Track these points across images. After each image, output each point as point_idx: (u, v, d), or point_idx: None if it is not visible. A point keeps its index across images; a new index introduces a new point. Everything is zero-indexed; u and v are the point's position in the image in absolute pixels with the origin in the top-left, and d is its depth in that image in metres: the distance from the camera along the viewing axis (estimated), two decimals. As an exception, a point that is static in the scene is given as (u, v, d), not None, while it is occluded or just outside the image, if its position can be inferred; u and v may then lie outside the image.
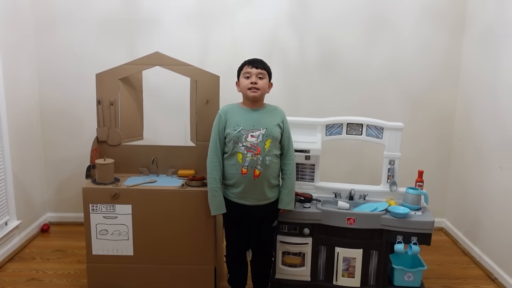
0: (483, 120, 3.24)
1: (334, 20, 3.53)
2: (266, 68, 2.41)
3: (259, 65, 2.39)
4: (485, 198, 3.19)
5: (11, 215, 3.24)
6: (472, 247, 3.33)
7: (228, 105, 2.47)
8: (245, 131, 2.35)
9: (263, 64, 2.41)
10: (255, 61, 2.40)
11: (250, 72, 2.38)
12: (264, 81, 2.39)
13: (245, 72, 2.40)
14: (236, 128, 2.36)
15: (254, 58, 2.44)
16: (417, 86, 3.63)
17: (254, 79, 2.37)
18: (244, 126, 2.36)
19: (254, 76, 2.37)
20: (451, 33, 3.55)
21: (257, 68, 2.38)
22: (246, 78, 2.39)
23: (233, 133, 2.35)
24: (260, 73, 2.38)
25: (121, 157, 2.80)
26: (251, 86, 2.37)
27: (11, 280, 2.90)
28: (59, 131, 3.66)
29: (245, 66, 2.41)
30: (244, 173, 2.35)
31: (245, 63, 2.42)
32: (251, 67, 2.38)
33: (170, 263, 2.65)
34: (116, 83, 2.74)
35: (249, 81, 2.37)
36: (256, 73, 2.37)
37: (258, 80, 2.37)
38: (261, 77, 2.38)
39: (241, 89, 2.43)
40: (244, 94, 2.43)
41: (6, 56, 3.11)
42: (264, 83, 2.39)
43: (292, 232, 2.68)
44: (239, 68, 2.45)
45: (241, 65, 2.44)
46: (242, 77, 2.41)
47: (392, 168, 2.81)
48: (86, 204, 2.57)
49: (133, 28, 3.52)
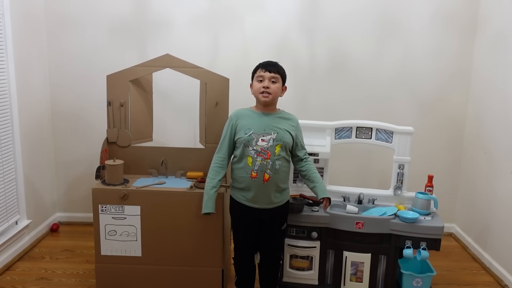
0: (494, 125, 3.21)
1: (344, 23, 3.52)
2: (279, 72, 2.39)
3: (272, 68, 2.36)
4: (495, 204, 3.16)
5: (21, 214, 3.27)
6: (482, 253, 3.29)
7: (241, 110, 2.46)
8: (256, 135, 2.34)
9: (276, 67, 2.38)
10: (269, 65, 2.38)
11: (263, 76, 2.36)
12: (277, 85, 2.37)
13: (258, 75, 2.38)
14: (247, 131, 2.35)
15: (268, 61, 2.41)
16: (427, 89, 3.61)
17: (266, 83, 2.35)
18: (255, 130, 2.35)
19: (267, 80, 2.35)
20: (463, 36, 3.53)
21: (270, 72, 2.35)
22: (259, 81, 2.37)
23: (244, 136, 2.34)
24: (273, 77, 2.36)
25: (131, 158, 2.81)
26: (263, 90, 2.35)
27: (20, 279, 2.93)
28: (70, 132, 3.69)
29: (259, 69, 2.39)
30: (254, 177, 2.34)
31: (259, 66, 2.40)
32: (265, 70, 2.36)
33: (177, 265, 2.66)
34: (126, 84, 2.76)
35: (262, 85, 2.35)
36: (269, 77, 2.35)
37: (270, 85, 2.35)
38: (274, 81, 2.36)
39: (254, 92, 2.42)
40: (256, 97, 2.42)
41: (19, 60, 3.14)
42: (277, 88, 2.37)
43: (300, 235, 2.67)
44: (253, 71, 2.44)
45: (255, 68, 2.43)
46: (255, 80, 2.40)
47: (401, 173, 2.79)
48: (95, 204, 2.59)
49: (143, 31, 3.54)
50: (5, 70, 3.03)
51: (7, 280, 2.91)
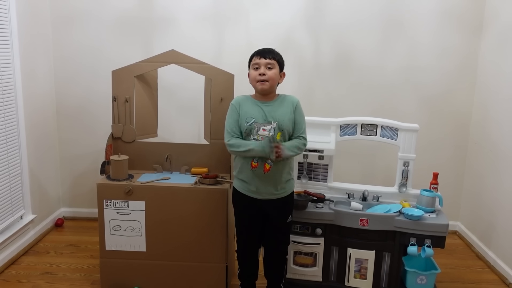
0: (500, 123, 3.19)
1: (350, 19, 3.51)
2: (276, 58, 2.33)
3: (267, 55, 2.31)
4: (500, 202, 3.14)
5: (26, 209, 3.29)
6: (486, 251, 3.28)
7: (241, 96, 2.42)
8: (257, 124, 2.30)
9: (272, 53, 2.33)
10: (264, 51, 2.32)
11: (259, 63, 2.31)
12: (274, 71, 2.31)
13: (254, 63, 2.33)
14: (248, 120, 2.31)
15: (263, 48, 2.36)
16: (433, 86, 3.59)
17: (262, 70, 2.29)
18: (256, 119, 2.31)
19: (263, 67, 2.30)
20: (469, 33, 3.50)
21: (265, 59, 2.30)
22: (255, 69, 2.32)
23: (245, 125, 2.31)
24: (269, 63, 2.30)
25: (135, 154, 2.82)
26: (259, 79, 2.30)
27: (25, 273, 2.94)
28: (75, 128, 3.70)
29: (254, 57, 2.34)
30: (254, 167, 2.30)
31: (254, 53, 2.35)
32: (260, 57, 2.31)
33: (181, 260, 2.66)
34: (131, 80, 2.76)
35: (257, 72, 2.30)
36: (265, 63, 2.30)
37: (266, 71, 2.30)
38: (270, 67, 2.30)
39: (251, 81, 2.37)
40: (254, 86, 2.37)
41: (24, 53, 3.15)
42: (274, 74, 2.31)
43: (304, 232, 2.67)
44: (249, 58, 2.39)
45: (251, 56, 2.38)
46: (251, 69, 2.35)
47: (406, 170, 2.78)
48: (100, 199, 2.60)
49: (148, 27, 3.54)
50: (11, 64, 3.04)
51: (12, 274, 2.93)
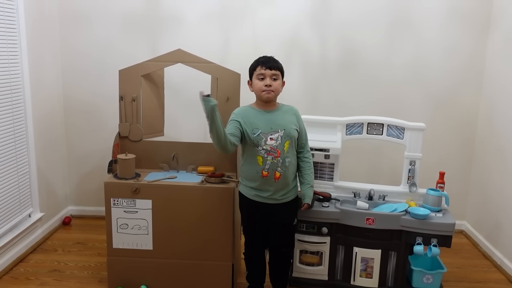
0: (507, 122, 3.17)
1: (356, 19, 3.50)
2: (279, 68, 2.35)
3: (272, 65, 2.32)
4: (507, 201, 3.13)
5: (35, 207, 3.31)
6: (493, 251, 3.27)
7: (241, 108, 2.43)
8: (264, 134, 2.31)
9: (276, 63, 2.34)
10: (268, 61, 2.33)
11: (264, 74, 2.32)
12: (278, 82, 2.34)
13: (258, 73, 2.33)
14: (255, 131, 2.31)
15: (266, 57, 2.37)
16: (439, 86, 3.58)
17: (268, 81, 2.31)
18: (262, 130, 2.32)
19: (268, 78, 2.31)
20: (476, 34, 3.48)
21: (271, 69, 2.31)
22: (260, 79, 2.33)
23: (252, 136, 2.31)
24: (274, 74, 2.32)
25: (142, 152, 2.84)
26: (265, 89, 2.32)
27: (33, 271, 2.97)
28: (82, 126, 3.72)
29: (258, 66, 2.34)
30: (265, 176, 2.33)
31: (258, 63, 2.35)
32: (265, 68, 2.31)
33: (188, 259, 2.68)
34: (138, 79, 2.78)
35: (263, 83, 2.31)
36: (270, 74, 2.32)
37: (272, 82, 2.32)
38: (275, 78, 2.33)
39: (255, 90, 2.38)
40: (258, 95, 2.38)
41: (32, 53, 3.18)
42: (278, 85, 2.34)
43: (310, 231, 2.68)
44: (252, 67, 2.39)
45: (254, 65, 2.37)
46: (255, 78, 2.35)
47: (412, 169, 2.78)
48: (107, 198, 2.62)
49: (155, 26, 3.55)
50: (19, 66, 3.06)
51: (21, 271, 2.96)
